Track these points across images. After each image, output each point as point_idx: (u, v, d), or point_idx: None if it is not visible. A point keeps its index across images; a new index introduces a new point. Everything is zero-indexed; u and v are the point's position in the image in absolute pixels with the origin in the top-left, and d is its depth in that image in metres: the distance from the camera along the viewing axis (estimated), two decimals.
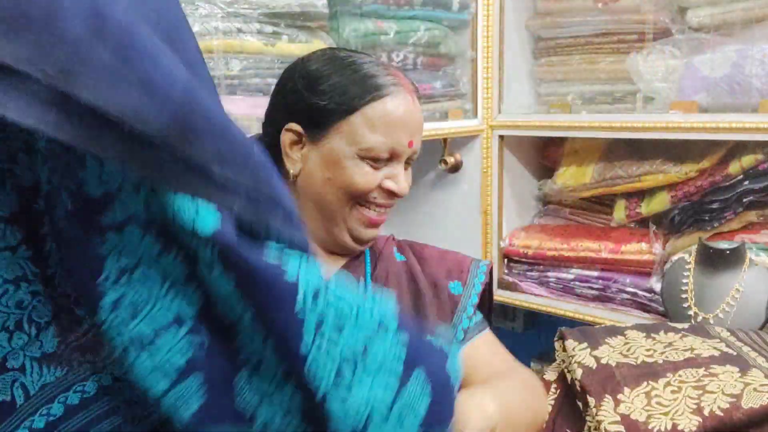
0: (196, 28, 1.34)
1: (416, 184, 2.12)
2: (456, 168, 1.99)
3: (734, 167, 1.66)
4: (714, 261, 1.52)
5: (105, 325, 0.55)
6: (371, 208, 1.05)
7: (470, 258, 1.23)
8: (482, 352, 1.12)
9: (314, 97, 1.02)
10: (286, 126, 1.04)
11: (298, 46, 1.48)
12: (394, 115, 1.01)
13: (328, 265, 1.10)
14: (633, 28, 1.84)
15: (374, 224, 1.07)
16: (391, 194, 1.05)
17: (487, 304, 1.23)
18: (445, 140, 1.94)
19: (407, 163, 1.08)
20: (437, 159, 1.98)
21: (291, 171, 1.05)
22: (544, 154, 2.12)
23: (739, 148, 1.66)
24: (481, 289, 1.18)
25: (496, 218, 2.01)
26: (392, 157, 1.04)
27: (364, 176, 1.02)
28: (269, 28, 1.46)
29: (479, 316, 1.18)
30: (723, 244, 1.53)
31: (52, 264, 0.60)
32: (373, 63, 1.05)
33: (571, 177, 1.96)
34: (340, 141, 1.01)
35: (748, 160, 1.63)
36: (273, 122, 1.07)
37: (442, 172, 2.03)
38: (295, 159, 1.04)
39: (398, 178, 1.05)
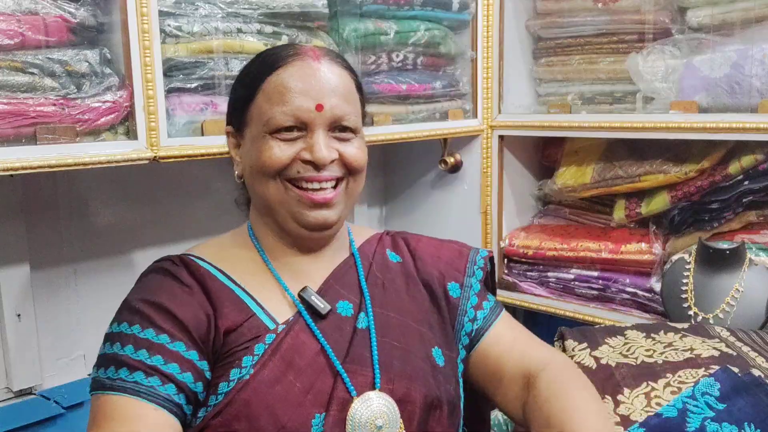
0: (196, 28, 1.34)
1: (416, 184, 2.12)
2: (456, 168, 1.99)
3: (734, 167, 1.66)
4: (714, 261, 1.52)
5: None
6: (304, 186, 1.00)
7: (466, 253, 1.18)
8: (505, 339, 1.12)
9: (232, 94, 1.07)
10: (226, 129, 1.08)
11: None
12: (288, 82, 0.99)
13: (310, 269, 1.06)
14: (633, 28, 1.84)
15: (318, 204, 1.01)
16: (314, 165, 0.99)
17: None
18: (445, 140, 1.94)
19: (340, 131, 1.01)
20: (437, 159, 1.98)
21: (237, 172, 1.07)
22: (544, 154, 2.12)
23: (739, 148, 1.66)
24: (479, 288, 1.15)
25: (496, 218, 2.01)
26: (304, 127, 0.99)
27: (271, 150, 0.99)
28: (269, 28, 1.46)
29: (491, 300, 1.16)
30: (723, 244, 1.53)
31: None
32: (282, 45, 1.06)
33: (571, 177, 1.96)
34: (252, 126, 1.02)
35: (747, 160, 1.63)
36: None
37: (442, 172, 2.03)
38: (238, 161, 1.07)
39: (314, 147, 0.98)
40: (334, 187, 1.02)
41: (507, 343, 1.12)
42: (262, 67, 1.02)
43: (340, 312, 1.03)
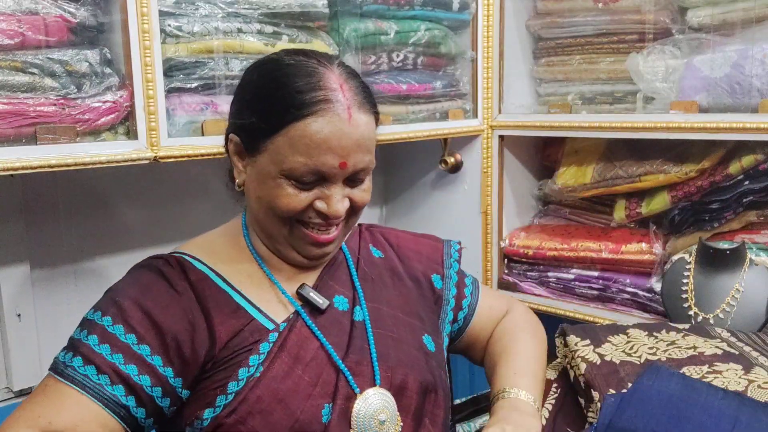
0: (196, 28, 1.34)
1: (416, 184, 2.12)
2: (456, 168, 1.99)
3: (734, 167, 1.65)
4: (714, 261, 1.52)
5: None
6: (312, 228, 1.01)
7: (440, 247, 1.25)
8: (484, 312, 1.25)
9: (246, 112, 1.00)
10: (230, 136, 1.03)
11: (298, 47, 1.48)
12: (316, 137, 0.93)
13: (301, 272, 1.08)
14: (633, 28, 1.84)
15: (321, 243, 1.02)
16: (326, 216, 0.99)
17: None
18: (445, 140, 1.94)
19: (354, 179, 1.00)
20: (437, 159, 1.98)
21: (237, 180, 1.04)
22: (544, 154, 2.12)
23: (739, 148, 1.66)
24: (457, 278, 1.23)
25: (496, 218, 2.01)
26: (323, 179, 0.97)
27: (287, 197, 0.97)
28: (269, 28, 1.46)
29: (469, 284, 1.25)
30: (723, 244, 1.53)
31: None
32: (309, 75, 0.97)
33: (571, 177, 1.96)
34: (267, 159, 0.97)
35: (748, 160, 1.63)
36: (227, 128, 1.05)
37: (442, 172, 2.03)
38: (240, 169, 1.03)
39: (330, 200, 0.98)
40: (337, 225, 1.03)
41: (485, 314, 1.25)
42: (288, 106, 0.95)
43: (337, 306, 1.07)
